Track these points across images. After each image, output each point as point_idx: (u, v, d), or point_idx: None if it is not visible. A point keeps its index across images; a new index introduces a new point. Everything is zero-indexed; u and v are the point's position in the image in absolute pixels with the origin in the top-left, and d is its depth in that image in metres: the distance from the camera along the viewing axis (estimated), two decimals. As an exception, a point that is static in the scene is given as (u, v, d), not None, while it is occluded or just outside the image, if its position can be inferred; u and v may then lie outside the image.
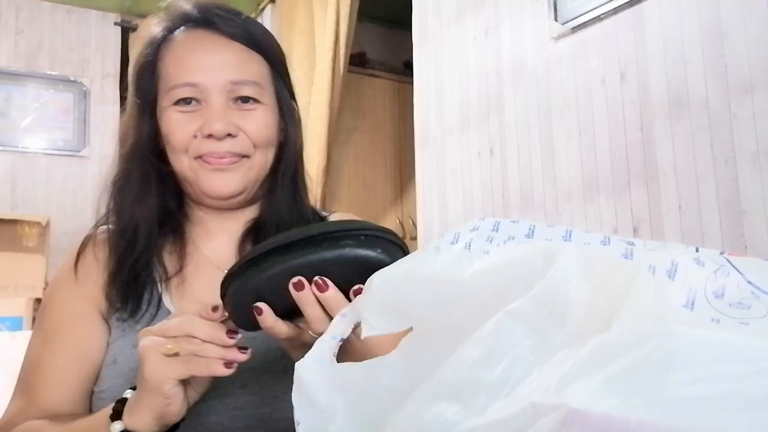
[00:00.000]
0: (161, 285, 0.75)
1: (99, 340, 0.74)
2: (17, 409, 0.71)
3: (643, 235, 1.53)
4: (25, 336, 2.25)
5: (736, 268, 0.38)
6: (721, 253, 0.42)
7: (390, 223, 3.42)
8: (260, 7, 3.53)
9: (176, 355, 0.53)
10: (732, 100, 1.35)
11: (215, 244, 0.80)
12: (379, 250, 0.51)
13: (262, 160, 0.77)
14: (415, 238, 3.18)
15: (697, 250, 0.43)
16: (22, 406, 0.71)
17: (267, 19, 3.44)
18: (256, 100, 0.76)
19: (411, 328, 0.46)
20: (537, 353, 0.37)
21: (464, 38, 2.15)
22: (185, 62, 0.75)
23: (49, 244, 2.91)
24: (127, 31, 3.61)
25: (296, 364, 0.45)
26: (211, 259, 0.79)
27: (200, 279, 0.77)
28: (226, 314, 0.55)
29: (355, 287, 0.51)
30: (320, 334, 0.47)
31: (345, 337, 0.47)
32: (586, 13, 1.68)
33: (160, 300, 0.74)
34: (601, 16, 1.65)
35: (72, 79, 3.44)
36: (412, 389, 0.39)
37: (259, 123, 0.76)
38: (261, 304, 0.52)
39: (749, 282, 0.37)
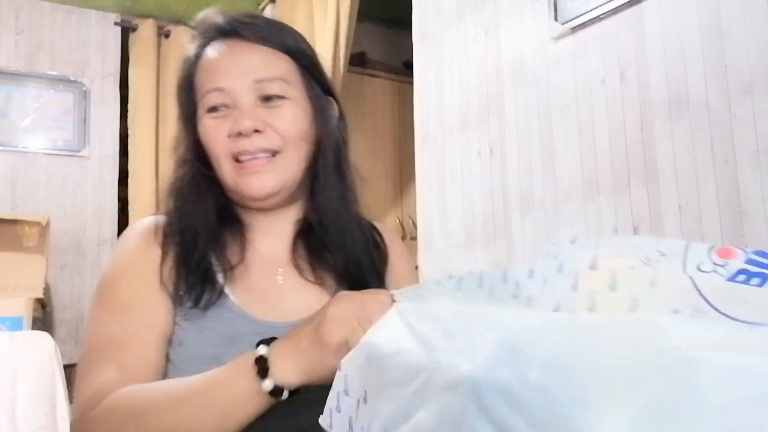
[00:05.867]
0: (223, 277, 0.79)
1: (169, 313, 0.77)
2: (107, 378, 0.70)
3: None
4: (25, 336, 2.25)
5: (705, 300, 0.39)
6: (711, 248, 0.43)
7: (390, 223, 3.42)
8: (260, 7, 3.53)
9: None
10: (732, 100, 1.35)
11: (269, 242, 0.85)
12: None
13: (296, 157, 0.81)
14: (414, 238, 3.18)
15: (686, 250, 0.43)
16: (113, 375, 0.70)
17: (267, 19, 3.43)
18: (282, 97, 0.80)
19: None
20: None
21: (464, 38, 2.15)
22: (213, 71, 0.81)
23: (49, 244, 2.91)
24: (127, 31, 3.60)
25: None
26: (265, 255, 0.84)
27: (258, 273, 0.82)
28: None
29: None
30: None
31: None
32: (586, 13, 1.68)
33: (222, 290, 0.78)
34: (601, 16, 1.65)
35: (72, 79, 3.44)
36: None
37: (287, 118, 0.80)
38: None
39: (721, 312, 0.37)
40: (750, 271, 0.40)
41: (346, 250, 0.84)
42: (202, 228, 0.80)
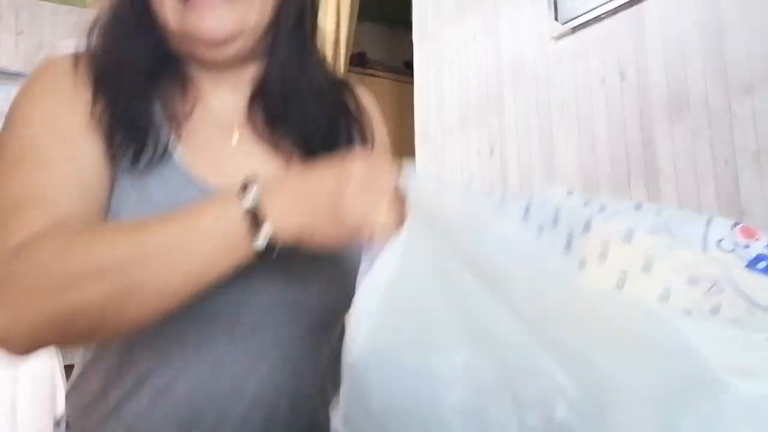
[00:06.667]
0: (169, 130, 0.64)
1: (99, 154, 0.60)
2: (28, 231, 0.52)
3: (643, 235, 1.53)
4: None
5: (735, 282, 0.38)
6: (734, 225, 0.42)
7: (390, 223, 3.42)
8: (260, 7, 3.53)
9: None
10: (732, 99, 1.35)
11: (221, 96, 0.70)
12: None
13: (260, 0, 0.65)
14: (415, 238, 3.17)
15: (708, 223, 0.42)
16: (35, 226, 0.53)
17: (267, 19, 3.43)
18: None
19: None
20: None
21: (464, 38, 2.15)
22: None
23: (49, 244, 2.91)
24: (127, 31, 3.61)
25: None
26: (218, 111, 0.69)
27: (210, 130, 0.67)
28: None
29: None
30: None
31: None
32: (586, 12, 1.68)
33: (167, 145, 0.63)
34: (601, 16, 1.65)
35: (72, 79, 3.44)
36: None
37: None
38: None
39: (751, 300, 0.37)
40: None
41: (305, 120, 0.69)
42: (137, 71, 0.64)
